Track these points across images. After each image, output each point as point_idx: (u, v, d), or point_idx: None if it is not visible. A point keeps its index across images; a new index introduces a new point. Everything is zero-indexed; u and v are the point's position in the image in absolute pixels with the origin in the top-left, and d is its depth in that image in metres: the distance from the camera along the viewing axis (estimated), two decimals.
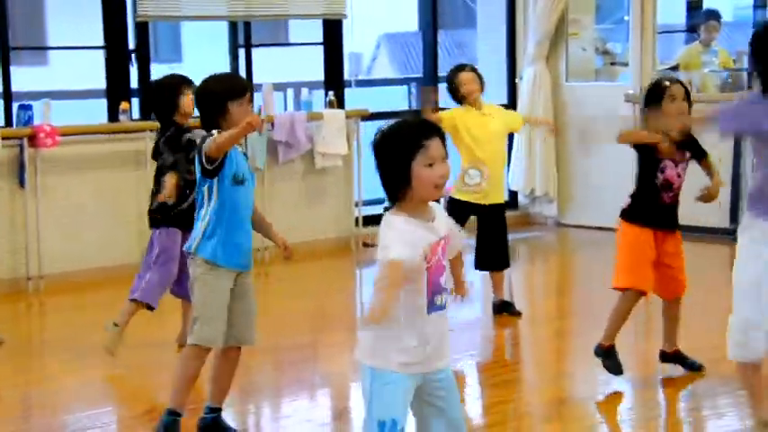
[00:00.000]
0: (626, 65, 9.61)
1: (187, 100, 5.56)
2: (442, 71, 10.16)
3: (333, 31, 9.07)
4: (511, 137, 9.81)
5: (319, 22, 9.05)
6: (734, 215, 8.76)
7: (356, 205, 8.98)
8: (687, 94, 5.04)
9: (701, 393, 5.17)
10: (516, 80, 9.91)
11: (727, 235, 8.71)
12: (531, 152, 9.66)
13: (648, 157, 5.09)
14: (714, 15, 9.58)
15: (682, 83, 5.14)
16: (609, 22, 11.42)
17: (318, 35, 9.09)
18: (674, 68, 9.43)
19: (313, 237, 8.66)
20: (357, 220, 8.97)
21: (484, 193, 6.44)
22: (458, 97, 6.50)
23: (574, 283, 8.25)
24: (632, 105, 9.06)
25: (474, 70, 6.57)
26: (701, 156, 5.21)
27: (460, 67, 6.62)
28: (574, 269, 8.68)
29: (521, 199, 9.98)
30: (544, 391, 5.24)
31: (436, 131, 3.18)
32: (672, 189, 5.13)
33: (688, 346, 5.40)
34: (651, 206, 5.13)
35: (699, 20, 9.78)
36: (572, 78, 9.69)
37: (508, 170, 9.71)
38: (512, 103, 9.95)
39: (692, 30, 10.21)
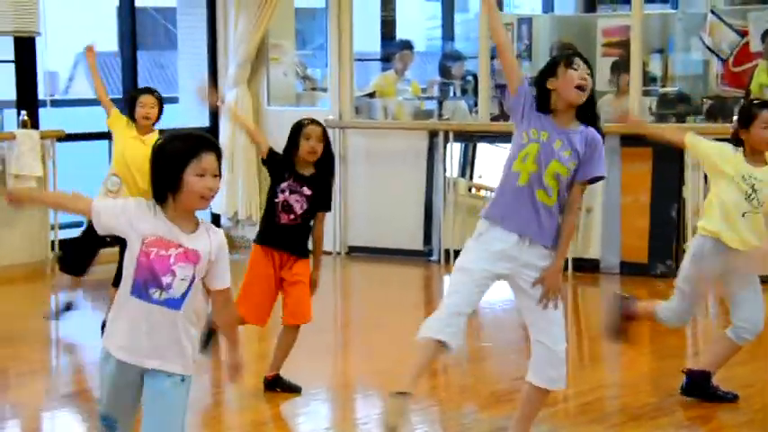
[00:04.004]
0: (325, 90, 9.83)
1: None
2: None
3: (25, 49, 8.73)
4: None
5: (10, 40, 8.70)
6: (427, 238, 9.12)
7: (52, 228, 8.67)
8: (324, 134, 5.30)
9: None
10: (218, 103, 9.90)
11: (422, 256, 9.09)
12: (233, 175, 9.67)
13: (276, 171, 5.31)
14: (407, 45, 9.98)
15: (320, 123, 5.37)
16: (309, 48, 11.66)
17: (10, 53, 8.73)
18: (371, 95, 9.74)
19: (5, 261, 8.32)
20: (53, 243, 8.66)
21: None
22: (133, 113, 6.61)
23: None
24: (332, 131, 9.27)
25: (159, 98, 6.65)
26: (319, 206, 5.34)
27: (146, 90, 6.75)
28: None
29: (223, 222, 9.96)
30: (245, 412, 5.24)
31: (214, 147, 3.38)
32: (293, 211, 5.30)
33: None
34: (273, 225, 5.32)
35: (393, 49, 10.16)
36: (273, 102, 9.80)
37: None
38: (214, 126, 9.95)
39: (386, 59, 10.59)
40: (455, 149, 9.10)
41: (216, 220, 9.98)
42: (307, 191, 5.31)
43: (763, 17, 8.92)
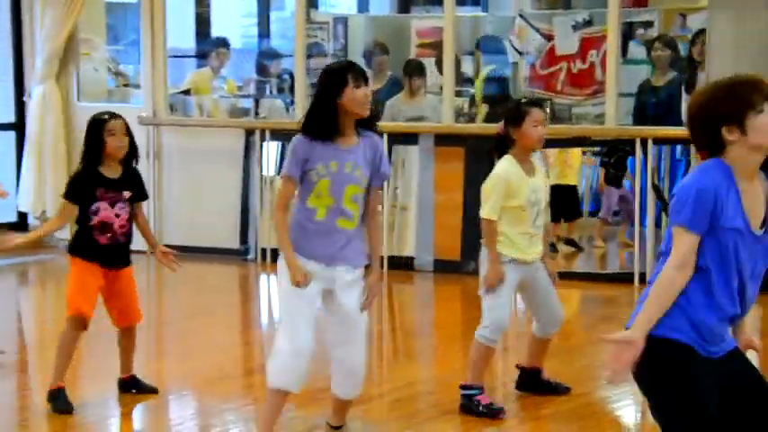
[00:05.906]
0: (138, 87, 9.65)
1: None
2: None
3: None
4: (20, 156, 9.50)
5: None
6: (244, 237, 9.08)
7: None
8: (127, 127, 5.13)
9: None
10: (24, 98, 9.60)
11: (238, 255, 9.03)
12: (41, 172, 9.37)
13: (84, 198, 5.07)
14: (223, 42, 9.89)
15: (120, 116, 5.19)
16: (121, 44, 11.42)
17: None
18: (186, 92, 9.63)
19: None
20: None
21: None
22: None
23: None
24: (146, 128, 9.12)
25: None
26: (138, 198, 5.23)
27: None
28: None
29: (31, 221, 9.65)
30: (54, 418, 5.09)
31: None
32: (111, 230, 5.11)
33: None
34: (90, 246, 5.09)
35: (209, 46, 10.05)
36: (84, 98, 9.55)
37: (17, 191, 9.37)
38: (20, 122, 9.64)
39: (202, 55, 10.48)
40: (271, 148, 9.09)
41: (23, 218, 9.67)
42: (126, 194, 5.12)
43: (567, 21, 9.25)
